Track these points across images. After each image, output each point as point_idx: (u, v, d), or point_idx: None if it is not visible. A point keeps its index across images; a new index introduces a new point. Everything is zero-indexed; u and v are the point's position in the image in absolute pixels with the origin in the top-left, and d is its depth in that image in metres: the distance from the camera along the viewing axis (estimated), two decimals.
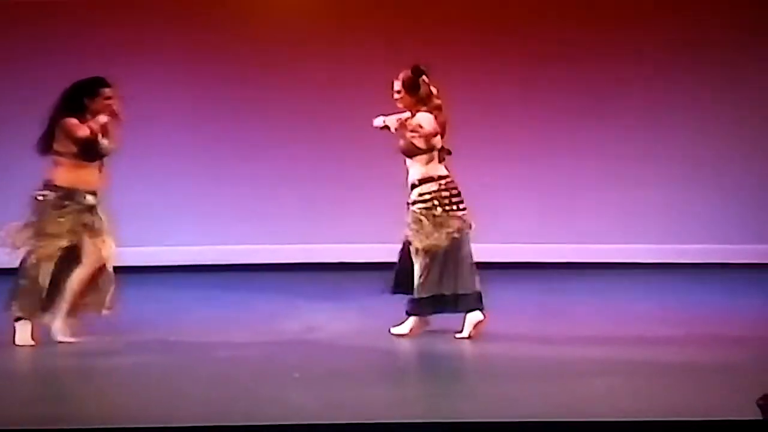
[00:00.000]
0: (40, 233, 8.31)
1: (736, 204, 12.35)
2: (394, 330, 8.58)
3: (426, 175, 8.55)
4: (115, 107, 8.40)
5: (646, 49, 12.37)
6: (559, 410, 6.65)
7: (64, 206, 8.32)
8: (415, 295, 8.56)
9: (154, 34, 11.97)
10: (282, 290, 10.31)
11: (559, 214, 12.36)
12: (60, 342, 8.36)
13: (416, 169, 8.56)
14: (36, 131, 8.34)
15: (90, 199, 8.39)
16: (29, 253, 8.35)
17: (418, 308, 8.60)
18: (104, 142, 8.39)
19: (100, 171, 8.44)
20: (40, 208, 8.34)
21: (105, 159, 8.45)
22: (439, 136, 8.53)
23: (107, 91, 8.39)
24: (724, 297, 10.53)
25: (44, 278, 8.31)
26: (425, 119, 8.50)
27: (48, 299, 8.34)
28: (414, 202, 8.56)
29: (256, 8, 12.19)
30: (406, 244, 8.59)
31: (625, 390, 7.12)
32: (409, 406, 6.91)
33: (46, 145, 8.38)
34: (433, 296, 8.56)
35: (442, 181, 8.57)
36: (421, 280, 8.53)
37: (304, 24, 12.15)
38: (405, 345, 8.42)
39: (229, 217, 11.85)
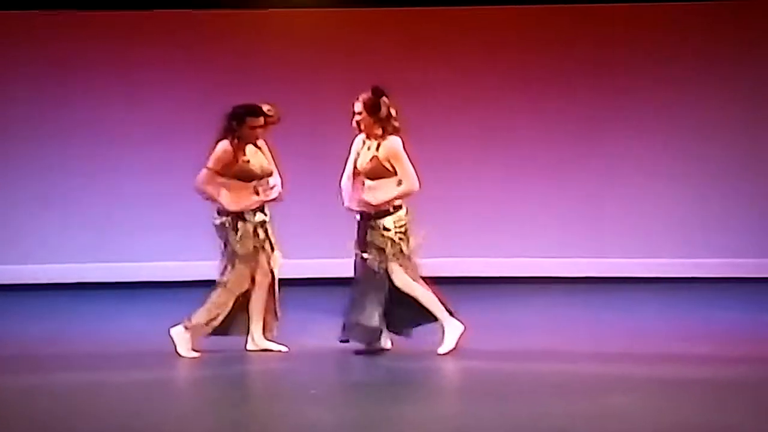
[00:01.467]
0: (232, 257, 8.55)
1: (758, 217, 12.27)
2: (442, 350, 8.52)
3: (399, 202, 8.54)
4: (261, 133, 8.61)
5: (666, 63, 12.33)
6: (578, 427, 6.59)
7: (239, 227, 8.52)
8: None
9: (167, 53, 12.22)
10: (299, 305, 10.26)
11: (579, 229, 12.31)
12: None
13: (385, 193, 8.50)
14: None
15: (259, 216, 8.59)
16: (224, 274, 8.57)
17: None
18: (255, 165, 8.58)
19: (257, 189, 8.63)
20: (221, 233, 8.60)
21: (262, 183, 8.65)
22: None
23: (252, 120, 8.56)
24: (747, 312, 10.44)
25: (232, 299, 8.55)
26: (398, 144, 8.49)
27: (228, 317, 8.56)
28: (387, 228, 8.49)
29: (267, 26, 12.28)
30: (377, 274, 8.49)
31: (645, 407, 7.03)
32: (428, 425, 6.84)
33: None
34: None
35: (407, 207, 8.56)
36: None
37: (314, 45, 12.21)
38: (424, 362, 8.34)
39: None
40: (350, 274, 8.73)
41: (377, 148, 8.50)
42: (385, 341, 8.65)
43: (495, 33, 12.37)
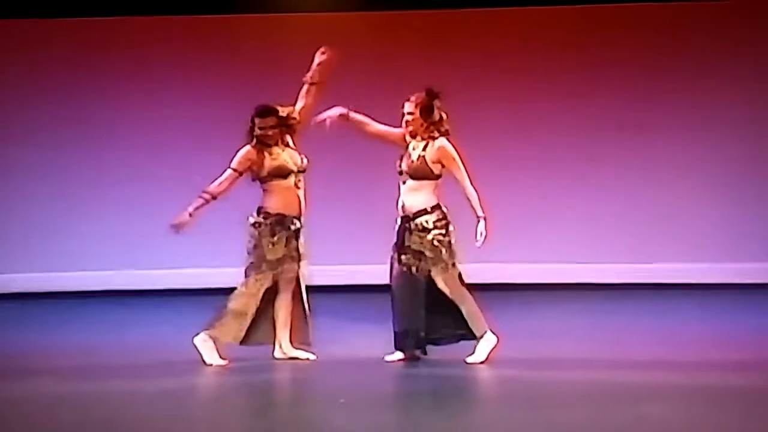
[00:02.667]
0: (259, 260, 8.47)
1: None
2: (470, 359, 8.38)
3: (436, 202, 8.41)
4: (269, 133, 8.51)
5: (692, 65, 12.22)
6: None
7: (276, 232, 8.45)
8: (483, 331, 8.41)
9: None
10: (326, 312, 10.20)
11: (612, 234, 12.20)
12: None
13: (424, 195, 8.40)
14: None
15: (297, 223, 8.52)
16: (247, 278, 8.51)
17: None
18: (285, 159, 8.51)
19: (300, 194, 8.58)
20: (255, 235, 8.51)
21: (300, 179, 8.56)
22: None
23: (260, 120, 8.53)
24: None
25: (254, 305, 8.47)
26: (451, 148, 8.40)
27: (252, 326, 8.50)
28: (425, 230, 8.39)
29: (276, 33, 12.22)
30: (414, 277, 8.37)
31: (681, 415, 6.90)
32: None
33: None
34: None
35: (445, 209, 8.42)
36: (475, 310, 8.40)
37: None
38: (456, 370, 8.21)
39: None
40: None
41: (424, 148, 8.40)
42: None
43: (524, 34, 12.32)
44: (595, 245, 12.20)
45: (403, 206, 8.44)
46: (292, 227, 8.52)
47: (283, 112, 8.60)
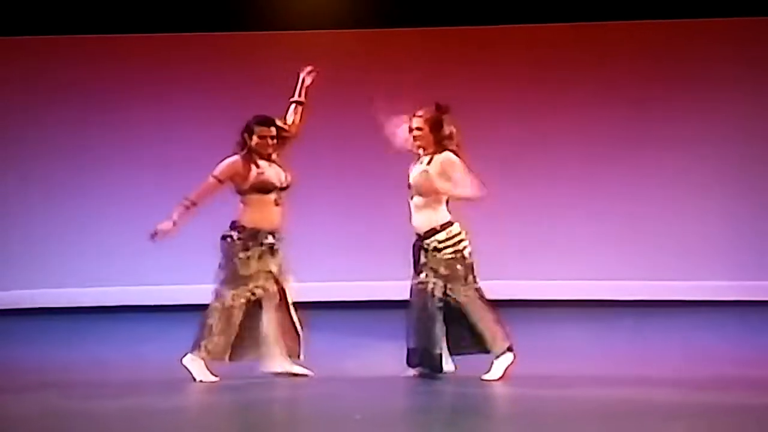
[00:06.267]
0: (232, 275, 8.39)
1: None
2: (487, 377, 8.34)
3: (446, 219, 8.32)
4: (269, 144, 8.50)
5: (705, 81, 12.18)
6: None
7: (249, 247, 8.36)
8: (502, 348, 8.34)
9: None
10: (344, 328, 10.15)
11: (627, 250, 12.14)
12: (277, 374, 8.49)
13: (433, 213, 8.32)
14: None
15: (270, 239, 8.43)
16: (222, 294, 8.43)
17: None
18: (270, 175, 8.44)
19: (278, 210, 8.50)
20: (227, 249, 8.43)
21: (282, 196, 8.50)
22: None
23: (261, 129, 8.48)
24: None
25: (236, 321, 8.38)
26: (454, 156, 8.27)
27: (237, 342, 8.43)
28: (437, 249, 8.29)
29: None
30: (429, 295, 8.30)
31: None
32: None
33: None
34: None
35: (458, 225, 8.33)
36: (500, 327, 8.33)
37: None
38: (471, 388, 8.16)
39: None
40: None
41: (428, 162, 8.31)
42: (448, 364, 8.46)
43: (529, 52, 12.27)
44: (612, 261, 12.13)
45: (414, 225, 8.38)
46: (266, 242, 8.43)
47: (280, 123, 8.59)
